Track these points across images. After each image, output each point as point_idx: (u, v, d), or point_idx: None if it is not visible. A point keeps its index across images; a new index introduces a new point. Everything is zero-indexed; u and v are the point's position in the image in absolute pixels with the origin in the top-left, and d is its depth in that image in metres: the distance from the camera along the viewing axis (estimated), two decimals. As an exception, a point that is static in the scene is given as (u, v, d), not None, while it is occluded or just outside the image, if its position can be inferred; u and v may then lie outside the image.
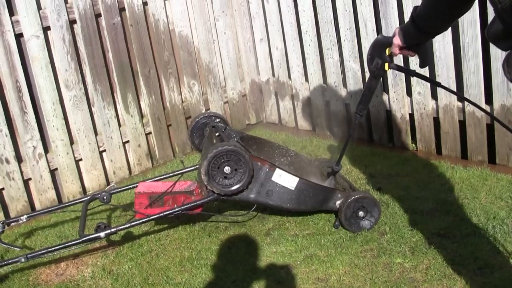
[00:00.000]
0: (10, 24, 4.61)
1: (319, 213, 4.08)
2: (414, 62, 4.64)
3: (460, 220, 3.75)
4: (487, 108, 4.39)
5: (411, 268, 3.37)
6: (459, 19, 4.31)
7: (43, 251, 3.71)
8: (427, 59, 3.02)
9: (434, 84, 3.24)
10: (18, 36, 4.70)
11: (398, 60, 4.69)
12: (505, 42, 2.07)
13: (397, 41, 2.90)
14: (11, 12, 4.65)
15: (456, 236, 3.58)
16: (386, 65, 3.23)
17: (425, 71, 4.57)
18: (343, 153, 3.96)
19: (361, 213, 3.80)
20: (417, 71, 3.41)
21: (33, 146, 4.81)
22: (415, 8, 2.69)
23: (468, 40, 4.33)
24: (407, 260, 3.43)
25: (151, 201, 3.99)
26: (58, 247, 3.73)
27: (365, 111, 3.67)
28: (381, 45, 3.18)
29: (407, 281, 3.27)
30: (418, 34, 2.74)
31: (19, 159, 4.80)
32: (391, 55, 3.15)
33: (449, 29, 4.42)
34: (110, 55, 5.20)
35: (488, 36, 2.15)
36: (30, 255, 3.67)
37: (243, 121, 6.23)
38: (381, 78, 4.95)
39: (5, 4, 4.57)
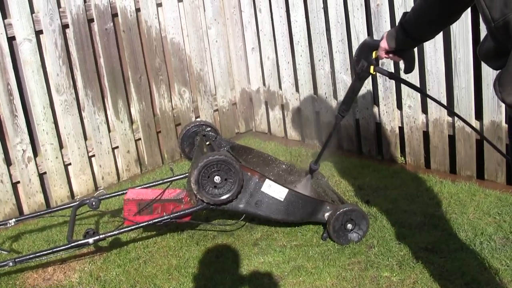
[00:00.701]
0: (2, 27, 4.61)
1: (307, 224, 4.09)
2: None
3: (448, 235, 3.77)
4: (477, 124, 4.41)
5: (398, 282, 3.38)
6: (452, 34, 4.35)
7: (31, 256, 3.71)
8: (412, 65, 3.03)
9: (419, 91, 3.24)
10: (11, 39, 4.69)
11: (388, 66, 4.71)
12: (496, 61, 2.07)
13: (384, 44, 2.91)
14: (4, 15, 4.64)
15: (443, 251, 3.60)
16: (372, 68, 3.23)
17: (416, 85, 4.62)
18: (322, 153, 4.01)
19: (349, 226, 3.82)
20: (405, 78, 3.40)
21: (22, 149, 4.80)
22: (405, 13, 2.70)
23: (460, 56, 4.36)
24: (394, 274, 3.45)
25: (140, 208, 3.99)
26: (46, 252, 3.72)
27: (347, 112, 3.68)
28: (369, 47, 3.19)
29: (394, 295, 3.29)
30: (405, 40, 2.75)
31: (8, 162, 4.79)
32: (378, 59, 3.16)
33: (441, 44, 4.45)
34: (101, 61, 5.19)
35: (480, 54, 2.16)
36: (18, 259, 3.66)
37: (233, 130, 6.23)
38: (372, 91, 5.00)
39: (-2, 7, 4.57)
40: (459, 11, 2.46)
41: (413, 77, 4.62)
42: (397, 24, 2.80)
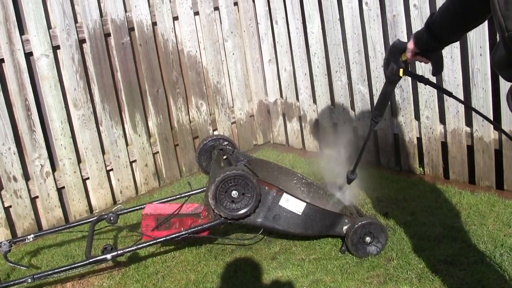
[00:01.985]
0: (20, 43, 4.64)
1: (325, 237, 4.06)
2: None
3: (467, 247, 3.73)
4: (496, 135, 4.38)
5: (418, 296, 3.36)
6: (469, 45, 4.32)
7: (50, 272, 3.72)
8: (440, 67, 2.99)
9: (448, 95, 3.19)
10: (28, 55, 4.72)
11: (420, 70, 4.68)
12: (508, 70, 2.04)
13: (411, 46, 2.88)
14: (22, 31, 4.68)
15: (463, 264, 3.56)
16: (401, 71, 3.19)
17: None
18: (358, 162, 3.82)
19: (368, 239, 3.79)
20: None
21: (40, 164, 4.83)
22: (432, 14, 2.67)
23: (478, 66, 4.33)
24: (414, 288, 3.42)
25: (158, 223, 3.99)
26: (64, 268, 3.74)
27: (381, 117, 3.56)
28: (397, 50, 3.14)
29: (414, 309, 3.26)
30: (431, 41, 2.72)
31: (26, 177, 4.82)
32: (406, 62, 3.12)
33: (458, 54, 4.42)
34: (118, 75, 5.21)
35: (493, 62, 2.12)
36: (37, 276, 3.67)
37: (250, 142, 6.23)
38: (389, 101, 4.96)
39: (16, 23, 4.59)
40: (485, 13, 2.43)
41: (431, 88, 4.58)
42: (423, 25, 2.77)
